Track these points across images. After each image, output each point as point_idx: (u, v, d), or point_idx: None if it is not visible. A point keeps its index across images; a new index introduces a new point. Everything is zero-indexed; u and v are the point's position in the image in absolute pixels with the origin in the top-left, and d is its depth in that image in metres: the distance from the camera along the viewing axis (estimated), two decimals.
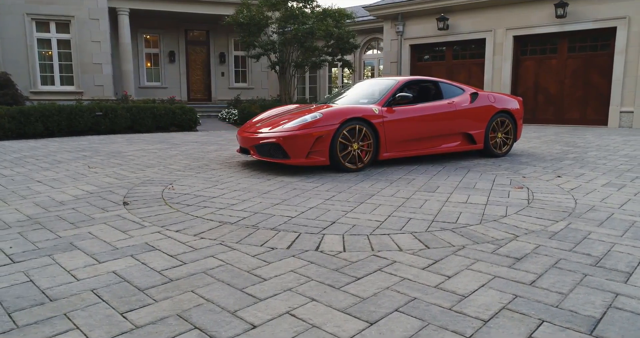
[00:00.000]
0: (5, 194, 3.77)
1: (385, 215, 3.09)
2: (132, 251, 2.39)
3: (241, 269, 2.14)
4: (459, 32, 13.07)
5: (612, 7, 10.72)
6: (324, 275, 2.06)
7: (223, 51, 17.71)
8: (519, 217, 3.02)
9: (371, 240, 2.57)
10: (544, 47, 12.07)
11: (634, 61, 10.64)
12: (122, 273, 2.09)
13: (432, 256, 2.30)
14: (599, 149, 6.63)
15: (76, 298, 1.83)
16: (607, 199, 3.51)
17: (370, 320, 1.64)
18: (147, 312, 1.72)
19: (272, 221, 2.95)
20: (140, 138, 8.86)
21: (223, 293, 1.88)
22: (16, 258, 2.28)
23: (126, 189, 3.97)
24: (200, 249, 2.42)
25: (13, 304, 1.78)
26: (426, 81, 5.74)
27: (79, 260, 2.25)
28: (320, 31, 11.05)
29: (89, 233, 2.71)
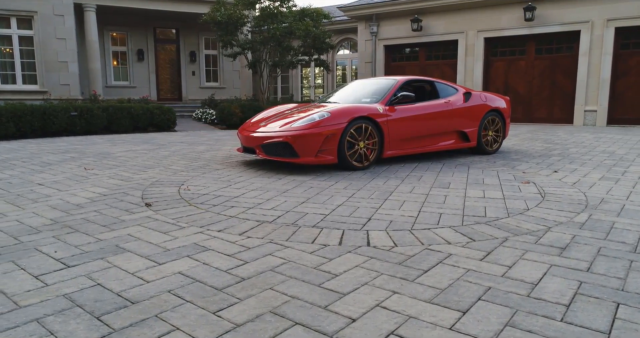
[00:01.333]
0: (13, 198, 3.59)
1: (415, 211, 3.18)
2: (186, 252, 2.36)
3: (306, 266, 2.16)
4: (432, 33, 13.43)
5: (576, 12, 11.33)
6: (391, 269, 2.12)
7: (193, 49, 17.37)
8: (542, 210, 3.18)
9: (416, 234, 2.65)
10: (513, 49, 12.60)
11: (596, 63, 11.29)
12: (189, 273, 2.07)
13: (482, 248, 2.40)
14: (577, 146, 7.01)
15: (158, 300, 1.80)
16: (611, 192, 3.75)
17: (461, 309, 1.72)
18: (239, 310, 1.72)
19: (308, 219, 2.97)
20: (121, 139, 8.58)
21: (303, 289, 1.90)
22: (69, 262, 2.20)
23: (138, 191, 3.87)
24: (253, 248, 2.42)
25: (96, 308, 1.73)
26: (423, 81, 5.90)
27: (137, 262, 2.20)
28: (300, 31, 11.07)
29: (128, 235, 2.64)
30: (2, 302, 1.77)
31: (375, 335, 1.53)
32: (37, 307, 1.73)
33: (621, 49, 11.16)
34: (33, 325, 1.59)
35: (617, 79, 11.27)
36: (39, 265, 2.16)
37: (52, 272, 2.08)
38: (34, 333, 1.54)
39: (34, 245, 2.46)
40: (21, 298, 1.81)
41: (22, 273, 2.06)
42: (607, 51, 11.12)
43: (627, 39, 11.09)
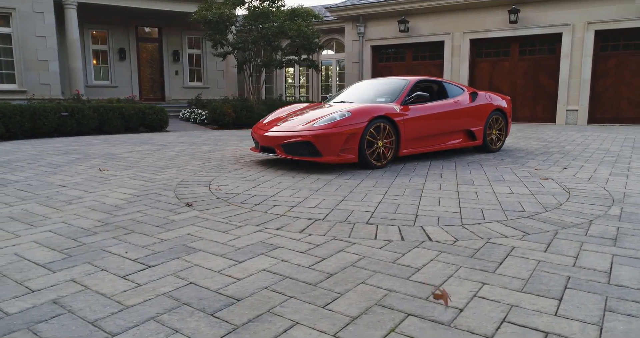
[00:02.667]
0: (43, 200, 3.50)
1: (455, 207, 3.28)
2: (258, 250, 2.38)
3: (384, 261, 2.22)
4: (419, 34, 13.68)
5: (558, 15, 11.77)
6: (467, 262, 2.20)
7: (177, 48, 17.11)
8: (574, 204, 3.34)
9: (470, 229, 2.75)
10: (497, 50, 12.97)
11: (577, 64, 11.76)
12: (275, 270, 2.10)
13: (540, 241, 2.51)
14: (571, 144, 7.31)
15: (261, 297, 1.82)
16: (628, 187, 3.96)
17: (555, 297, 1.81)
18: (346, 304, 1.77)
19: (358, 216, 3.03)
20: (116, 139, 8.40)
21: (395, 283, 1.96)
22: (148, 262, 2.19)
23: (168, 191, 3.83)
24: (321, 245, 2.46)
25: (205, 306, 1.74)
26: (431, 81, 6.04)
27: (216, 261, 2.21)
28: (293, 31, 11.08)
29: (189, 234, 2.63)
30: (105, 303, 1.76)
31: (489, 323, 1.61)
32: (144, 307, 1.73)
33: (600, 51, 11.67)
34: (153, 324, 1.60)
35: (596, 80, 11.78)
36: (118, 266, 2.14)
37: (137, 272, 2.07)
38: (159, 331, 1.55)
39: (99, 246, 2.43)
40: (122, 298, 1.80)
41: (106, 274, 2.04)
42: (587, 52, 11.60)
43: (605, 41, 11.60)
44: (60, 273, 2.06)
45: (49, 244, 2.46)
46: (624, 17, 11.08)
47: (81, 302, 1.77)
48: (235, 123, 11.27)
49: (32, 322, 1.61)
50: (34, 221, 2.92)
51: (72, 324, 1.59)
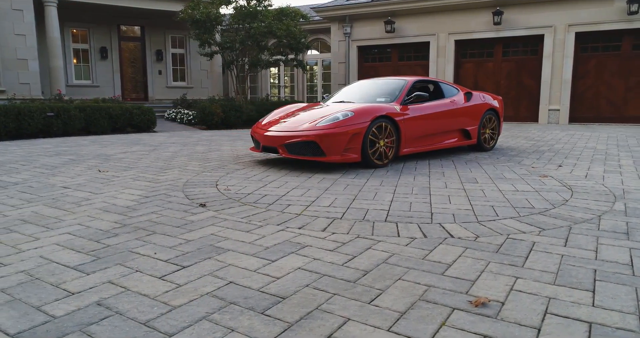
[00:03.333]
0: (51, 202, 3.43)
1: (466, 204, 3.35)
2: (287, 248, 2.39)
3: (414, 257, 2.27)
4: (404, 35, 13.83)
5: (540, 17, 12.07)
6: (494, 257, 2.26)
7: (160, 48, 16.87)
8: (579, 201, 3.45)
9: (487, 226, 2.82)
10: (482, 51, 13.22)
11: (559, 65, 12.09)
12: (310, 268, 2.12)
13: (557, 236, 2.60)
14: (559, 143, 7.53)
15: (305, 294, 1.84)
16: (625, 183, 4.11)
17: (587, 289, 1.89)
18: (391, 299, 1.80)
19: (375, 215, 3.07)
20: (106, 140, 8.24)
21: (431, 278, 2.01)
22: (181, 263, 2.18)
23: (177, 191, 3.80)
24: (348, 243, 2.49)
25: (252, 304, 1.75)
26: (428, 81, 6.14)
27: (249, 260, 2.21)
28: (282, 31, 11.07)
29: (213, 235, 2.63)
30: (151, 303, 1.75)
31: (533, 315, 1.67)
32: (192, 307, 1.73)
33: (581, 53, 12.02)
34: (206, 323, 1.60)
35: (577, 81, 12.13)
36: (152, 267, 2.13)
37: (173, 273, 2.06)
38: (215, 330, 1.56)
39: (124, 247, 2.41)
40: (167, 298, 1.80)
41: (142, 275, 2.03)
42: (568, 53, 11.93)
43: (585, 43, 11.95)
44: (95, 275, 2.03)
45: (72, 246, 2.42)
46: (603, 20, 11.44)
47: (126, 303, 1.75)
48: (224, 123, 11.19)
49: (83, 324, 1.60)
50: (47, 223, 2.87)
51: (124, 325, 1.58)
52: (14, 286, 1.90)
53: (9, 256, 2.27)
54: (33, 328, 1.56)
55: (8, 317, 1.64)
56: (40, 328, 1.56)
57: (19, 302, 1.76)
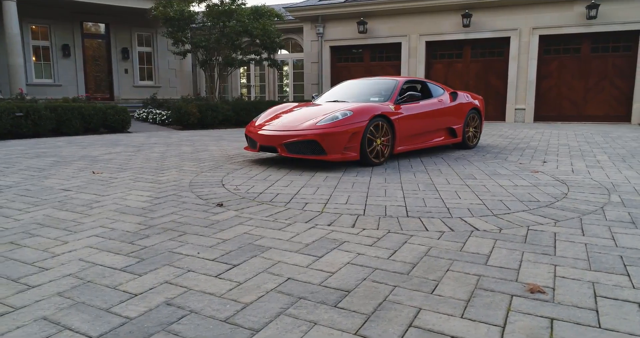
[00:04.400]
0: (58, 205, 3.31)
1: (476, 199, 3.50)
2: (328, 245, 2.43)
3: (451, 250, 2.37)
4: (377, 35, 14.06)
5: (507, 20, 12.60)
6: (525, 248, 2.40)
7: (126, 46, 16.36)
8: (578, 194, 3.68)
9: (505, 219, 2.96)
10: (451, 52, 13.65)
11: (524, 66, 12.65)
12: (359, 263, 2.17)
13: (572, 226, 2.77)
14: (533, 140, 7.91)
15: (367, 288, 1.90)
16: (610, 177, 4.40)
17: (622, 273, 2.04)
18: (450, 289, 1.88)
19: (395, 211, 3.15)
20: (82, 141, 7.94)
21: (478, 269, 2.11)
22: (229, 261, 2.18)
23: (186, 192, 3.75)
24: (383, 238, 2.56)
25: (322, 298, 1.79)
26: (417, 81, 6.30)
27: (296, 257, 2.24)
28: (258, 30, 11.00)
29: (246, 234, 2.63)
30: (221, 302, 1.76)
31: (585, 298, 1.80)
32: (264, 303, 1.75)
33: (544, 55, 12.64)
34: (286, 318, 1.63)
35: (541, 81, 12.74)
36: (203, 267, 2.12)
37: (227, 272, 2.06)
38: (298, 324, 1.59)
39: (163, 248, 2.37)
40: (235, 296, 1.81)
41: (196, 275, 2.02)
42: (532, 55, 12.52)
43: (548, 45, 12.58)
44: (148, 276, 2.00)
45: (107, 248, 2.37)
46: (565, 24, 12.08)
47: (196, 302, 1.75)
48: (200, 123, 11.01)
49: (163, 323, 1.59)
50: (67, 226, 2.77)
51: (205, 323, 1.59)
52: (69, 290, 1.85)
53: (46, 260, 2.20)
54: (114, 330, 1.54)
55: (82, 321, 1.60)
56: (122, 330, 1.54)
57: (84, 305, 1.72)
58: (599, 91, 12.36)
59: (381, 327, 1.57)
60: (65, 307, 1.71)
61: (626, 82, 12.05)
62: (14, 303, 1.74)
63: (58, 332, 1.53)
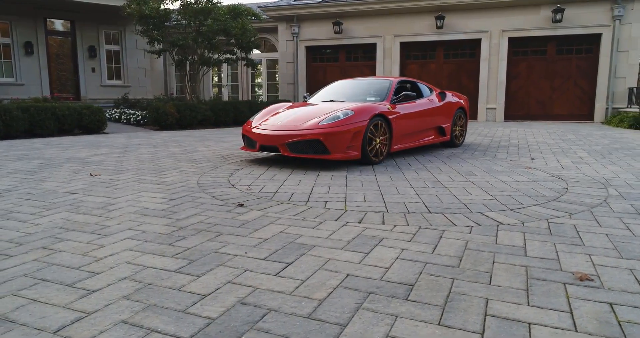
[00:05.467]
0: (71, 208, 3.19)
1: (487, 195, 3.64)
2: (369, 241, 2.48)
3: (487, 243, 2.47)
4: (352, 36, 14.21)
5: (478, 22, 13.02)
6: (554, 239, 2.53)
7: (93, 44, 15.78)
8: (577, 188, 3.89)
9: (522, 213, 3.10)
10: (425, 53, 13.97)
11: (494, 67, 13.12)
12: (409, 258, 2.23)
13: (587, 218, 2.94)
14: (512, 138, 8.24)
15: (427, 280, 1.96)
16: (600, 172, 4.66)
17: None
18: (505, 279, 1.97)
19: (417, 208, 3.24)
20: (60, 142, 7.62)
21: (521, 260, 2.21)
22: (281, 260, 2.19)
23: (200, 192, 3.70)
24: (417, 233, 2.63)
25: (390, 292, 1.84)
26: (407, 81, 6.44)
27: (345, 254, 2.28)
28: (237, 29, 10.89)
29: (283, 232, 2.64)
30: (294, 299, 1.77)
31: (632, 284, 1.93)
32: (336, 298, 1.78)
33: (513, 56, 13.15)
34: (368, 313, 1.66)
35: (510, 82, 13.25)
36: (257, 266, 2.12)
37: (284, 270, 2.07)
38: (380, 317, 1.63)
39: (206, 249, 2.35)
40: (305, 293, 1.83)
41: (255, 274, 2.02)
42: (502, 57, 13.00)
43: (517, 47, 13.10)
44: (207, 277, 1.99)
45: (150, 251, 2.32)
46: (532, 27, 12.62)
47: (270, 301, 1.76)
48: (179, 124, 10.79)
49: (250, 322, 1.59)
50: (94, 230, 2.70)
51: (290, 320, 1.60)
52: (134, 293, 1.82)
53: (91, 264, 2.14)
54: (202, 330, 1.53)
55: (164, 323, 1.58)
56: (211, 330, 1.53)
57: (157, 307, 1.70)
58: (563, 91, 12.99)
59: (460, 317, 1.64)
60: (139, 309, 1.68)
61: (589, 83, 12.72)
62: (83, 308, 1.69)
63: (146, 334, 1.51)
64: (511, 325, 1.59)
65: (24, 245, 2.42)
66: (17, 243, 2.44)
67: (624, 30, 12.03)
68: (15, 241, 2.48)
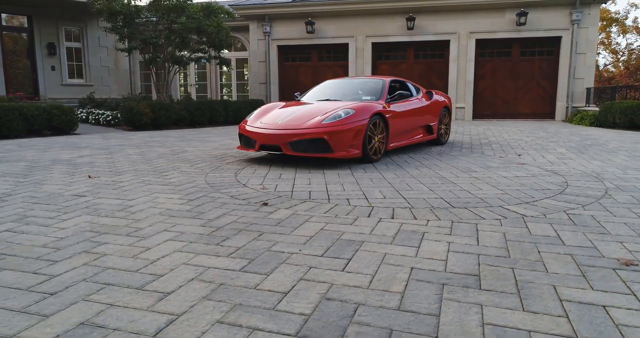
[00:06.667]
0: (90, 211, 3.06)
1: (496, 190, 3.79)
2: (413, 236, 2.54)
3: (523, 234, 2.58)
4: (324, 36, 14.28)
5: (446, 24, 13.42)
6: (582, 229, 2.68)
7: (52, 40, 15.02)
8: (577, 182, 4.12)
9: (538, 205, 3.26)
10: (396, 54, 14.25)
11: (463, 68, 13.57)
12: (459, 250, 2.31)
13: (598, 209, 3.13)
14: (489, 136, 8.56)
15: (489, 271, 2.04)
16: (587, 167, 4.95)
17: None
18: (560, 267, 2.09)
19: (437, 203, 3.33)
20: (35, 144, 7.23)
21: (562, 249, 2.34)
22: (340, 256, 2.21)
23: (215, 193, 3.64)
24: (454, 227, 2.72)
25: (461, 283, 1.90)
26: (398, 81, 6.57)
27: (397, 249, 2.32)
28: (212, 28, 10.69)
29: (323, 230, 2.65)
30: (375, 293, 1.80)
31: None
32: (414, 290, 1.82)
33: (480, 57, 13.65)
34: (453, 303, 1.72)
35: (478, 82, 13.75)
36: (320, 262, 2.13)
37: (348, 265, 2.09)
38: (467, 306, 1.69)
39: (259, 247, 2.33)
40: (381, 287, 1.86)
41: (322, 271, 2.03)
42: (470, 58, 13.46)
43: (484, 48, 13.61)
44: (276, 275, 1.98)
45: (201, 251, 2.28)
46: (498, 29, 13.15)
47: (352, 295, 1.78)
48: (153, 124, 10.48)
49: (346, 316, 1.61)
50: (128, 232, 2.61)
51: (383, 313, 1.63)
52: (211, 294, 1.79)
53: (147, 267, 2.07)
54: (304, 326, 1.54)
55: (262, 321, 1.57)
56: (313, 325, 1.54)
57: (244, 307, 1.68)
58: (527, 91, 13.62)
59: (539, 303, 1.72)
60: (227, 309, 1.66)
61: (550, 83, 13.41)
62: (168, 310, 1.65)
63: (249, 333, 1.49)
64: (589, 308, 1.69)
65: (62, 249, 2.31)
66: (54, 248, 2.33)
67: (582, 34, 12.76)
68: (51, 246, 2.37)
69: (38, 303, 1.70)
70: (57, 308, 1.67)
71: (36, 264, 2.11)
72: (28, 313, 1.63)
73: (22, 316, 1.61)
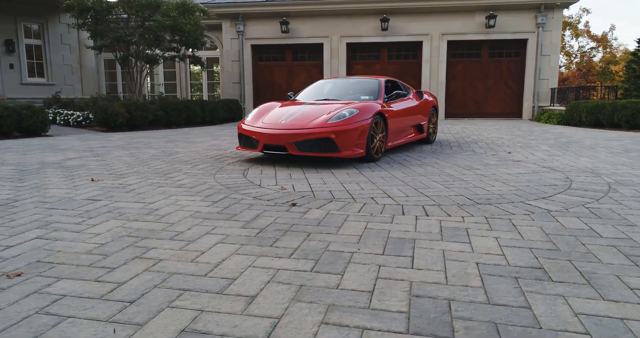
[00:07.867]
0: (112, 215, 2.93)
1: (508, 186, 3.92)
2: (458, 232, 2.59)
3: (559, 227, 2.69)
4: (299, 36, 14.26)
5: (419, 26, 13.72)
6: (608, 222, 2.83)
7: (10, 37, 14.21)
8: (579, 178, 4.32)
9: (555, 200, 3.40)
10: (370, 54, 14.42)
11: (435, 68, 13.92)
12: (508, 244, 2.38)
13: (611, 203, 3.30)
14: (471, 135, 8.83)
15: (551, 263, 2.12)
16: (578, 163, 5.20)
17: None
18: (611, 257, 2.19)
19: (460, 200, 3.42)
20: (10, 146, 6.81)
21: (603, 241, 2.46)
22: (398, 253, 2.22)
23: (236, 194, 3.57)
24: (491, 223, 2.80)
25: (530, 276, 1.96)
26: (390, 81, 6.65)
27: (452, 245, 2.37)
28: (189, 26, 10.44)
29: (369, 228, 2.67)
30: (458, 289, 1.83)
31: None
32: (494, 284, 1.87)
33: (451, 58, 14.03)
34: (536, 295, 1.77)
35: (449, 82, 14.14)
36: (385, 261, 2.14)
37: (414, 262, 2.11)
38: (552, 298, 1.75)
39: (315, 247, 2.31)
40: (461, 282, 1.89)
41: (392, 269, 2.04)
42: (442, 58, 13.83)
43: (455, 50, 14.00)
44: (350, 275, 1.97)
45: (259, 253, 2.23)
46: (468, 31, 13.57)
47: (437, 291, 1.80)
48: (129, 124, 10.12)
49: (443, 312, 1.63)
50: (170, 236, 2.52)
51: (477, 308, 1.66)
52: (297, 295, 1.76)
53: (213, 270, 2.01)
54: (410, 323, 1.54)
55: (365, 320, 1.56)
56: (418, 323, 1.55)
57: (338, 307, 1.66)
58: (496, 91, 14.13)
59: (615, 292, 1.81)
60: (323, 310, 1.64)
61: (517, 84, 13.97)
62: (265, 313, 1.61)
63: (361, 333, 1.49)
64: None
65: (111, 256, 2.21)
66: (101, 255, 2.22)
67: (546, 36, 13.37)
68: (96, 252, 2.26)
69: (122, 312, 1.63)
70: (147, 316, 1.60)
71: (93, 272, 2.01)
72: (118, 322, 1.55)
73: (115, 326, 1.53)
